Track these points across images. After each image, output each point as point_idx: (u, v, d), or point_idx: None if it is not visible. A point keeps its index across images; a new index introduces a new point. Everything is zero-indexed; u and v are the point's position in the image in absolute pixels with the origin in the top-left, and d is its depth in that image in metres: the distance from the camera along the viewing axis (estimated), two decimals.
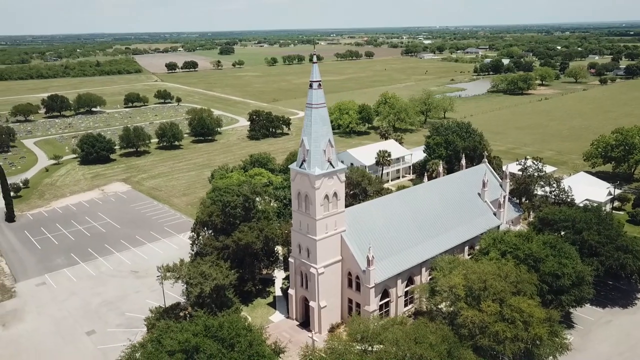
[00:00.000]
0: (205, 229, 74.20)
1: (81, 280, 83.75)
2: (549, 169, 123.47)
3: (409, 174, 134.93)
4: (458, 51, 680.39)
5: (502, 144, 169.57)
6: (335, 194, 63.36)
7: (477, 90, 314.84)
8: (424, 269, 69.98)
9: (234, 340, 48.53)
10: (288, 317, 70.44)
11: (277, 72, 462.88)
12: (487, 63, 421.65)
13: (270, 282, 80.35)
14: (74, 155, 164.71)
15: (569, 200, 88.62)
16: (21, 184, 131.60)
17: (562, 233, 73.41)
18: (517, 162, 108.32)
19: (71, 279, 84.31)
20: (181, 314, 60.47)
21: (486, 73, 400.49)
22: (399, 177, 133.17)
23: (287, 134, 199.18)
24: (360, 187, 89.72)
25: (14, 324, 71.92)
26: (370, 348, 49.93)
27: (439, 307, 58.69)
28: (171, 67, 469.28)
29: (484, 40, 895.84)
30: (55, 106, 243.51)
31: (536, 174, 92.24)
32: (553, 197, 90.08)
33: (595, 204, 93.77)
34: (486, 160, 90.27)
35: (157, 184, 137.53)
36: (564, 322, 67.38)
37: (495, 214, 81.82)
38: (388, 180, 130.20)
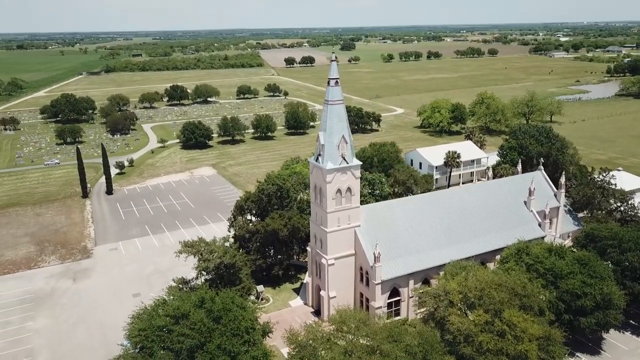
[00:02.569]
0: (242, 213, 79.91)
1: (145, 250, 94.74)
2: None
3: (485, 177, 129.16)
4: (597, 50, 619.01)
5: (604, 153, 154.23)
6: (349, 189, 64.96)
7: (602, 93, 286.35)
8: (442, 273, 68.50)
9: (221, 314, 53.13)
10: (305, 304, 73.65)
11: (390, 69, 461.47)
12: (624, 63, 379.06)
13: (304, 269, 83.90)
14: (178, 140, 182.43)
15: (638, 217, 79.77)
16: (126, 163, 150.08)
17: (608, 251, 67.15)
18: (589, 173, 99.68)
19: (138, 248, 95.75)
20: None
21: (622, 74, 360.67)
22: (472, 180, 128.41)
23: (377, 130, 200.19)
24: (405, 186, 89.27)
25: (82, 279, 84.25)
26: (346, 338, 51.41)
27: (434, 311, 57.81)
28: (289, 62, 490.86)
29: (634, 37, 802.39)
30: (176, 95, 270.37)
31: (605, 185, 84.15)
32: (620, 212, 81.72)
33: None
34: (542, 167, 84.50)
35: (240, 171, 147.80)
36: (592, 346, 62.33)
37: (540, 225, 76.83)
38: (459, 183, 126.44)
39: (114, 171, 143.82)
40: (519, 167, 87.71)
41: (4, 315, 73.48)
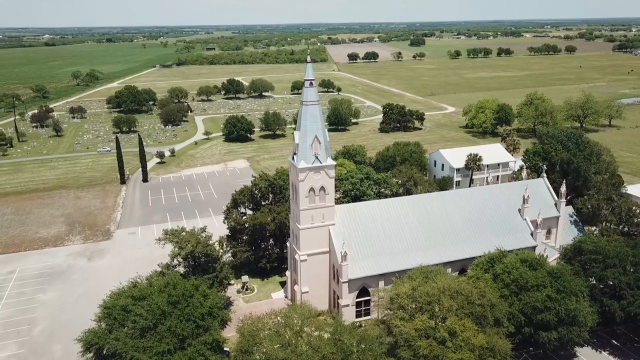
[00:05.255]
0: (237, 206, 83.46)
1: (159, 235, 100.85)
2: None
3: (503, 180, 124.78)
4: None
5: None
6: (322, 188, 66.44)
7: None
8: (398, 277, 68.18)
9: (179, 299, 56.84)
10: (286, 297, 76.05)
11: (454, 66, 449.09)
12: None
13: None
14: (221, 133, 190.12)
15: None
16: (167, 152, 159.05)
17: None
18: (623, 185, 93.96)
19: (153, 233, 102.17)
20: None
21: None
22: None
23: (420, 128, 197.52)
24: (404, 188, 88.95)
25: (96, 259, 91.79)
26: (292, 331, 53.35)
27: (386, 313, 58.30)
28: (352, 57, 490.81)
29: None
30: (232, 89, 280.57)
31: (614, 197, 79.39)
32: (627, 226, 76.86)
33: None
34: (544, 174, 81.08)
35: (271, 165, 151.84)
36: None
37: (532, 235, 74.13)
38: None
39: (155, 160, 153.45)
40: (524, 173, 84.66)
41: (21, 287, 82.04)
